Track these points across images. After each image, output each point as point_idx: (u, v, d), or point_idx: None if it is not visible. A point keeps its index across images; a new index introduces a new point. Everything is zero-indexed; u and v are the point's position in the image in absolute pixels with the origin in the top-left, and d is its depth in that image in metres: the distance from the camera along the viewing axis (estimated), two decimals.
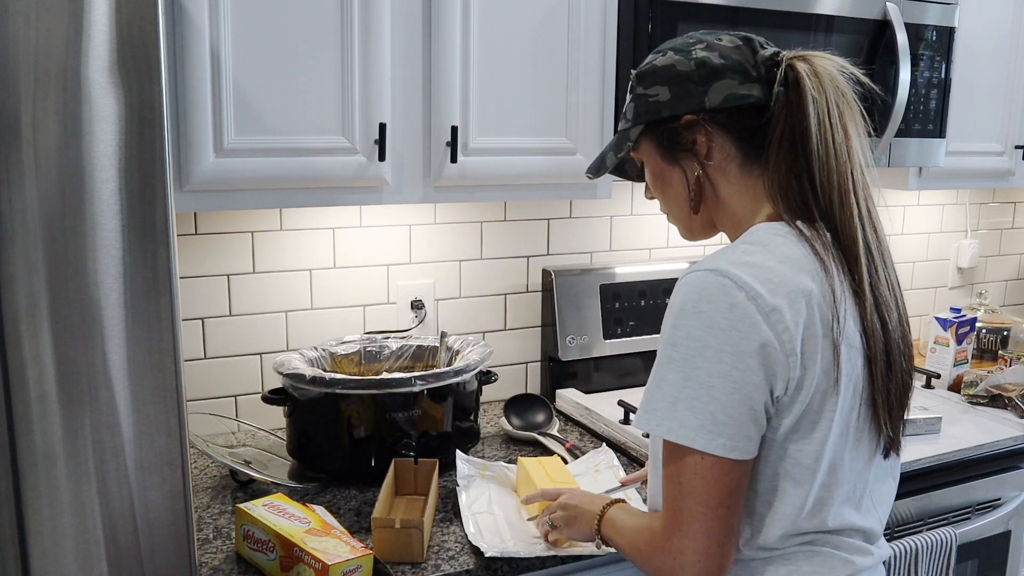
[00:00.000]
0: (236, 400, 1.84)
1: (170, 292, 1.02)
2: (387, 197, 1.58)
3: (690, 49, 1.04)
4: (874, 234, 1.01)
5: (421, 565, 1.32)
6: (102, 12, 0.94)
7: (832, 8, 1.82)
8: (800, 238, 0.98)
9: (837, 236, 0.99)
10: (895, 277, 1.04)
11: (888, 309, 1.01)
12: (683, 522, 0.96)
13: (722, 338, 0.93)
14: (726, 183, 1.06)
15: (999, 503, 1.88)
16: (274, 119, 1.45)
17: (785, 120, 1.00)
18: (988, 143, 2.24)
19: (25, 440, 0.97)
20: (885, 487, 1.12)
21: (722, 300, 0.93)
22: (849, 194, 0.99)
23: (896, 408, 1.03)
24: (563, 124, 1.69)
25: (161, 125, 0.98)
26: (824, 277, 0.96)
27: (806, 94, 0.98)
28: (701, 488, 0.95)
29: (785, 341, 0.93)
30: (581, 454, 1.73)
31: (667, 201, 1.13)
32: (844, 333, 0.97)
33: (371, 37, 1.50)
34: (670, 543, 0.98)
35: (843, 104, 1.00)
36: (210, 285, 1.78)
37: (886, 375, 1.00)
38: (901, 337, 1.03)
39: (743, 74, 1.02)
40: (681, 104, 1.04)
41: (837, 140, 0.98)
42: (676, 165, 1.08)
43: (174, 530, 1.07)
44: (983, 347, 2.47)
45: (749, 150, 1.04)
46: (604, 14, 1.68)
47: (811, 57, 1.01)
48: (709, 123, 1.04)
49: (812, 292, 0.95)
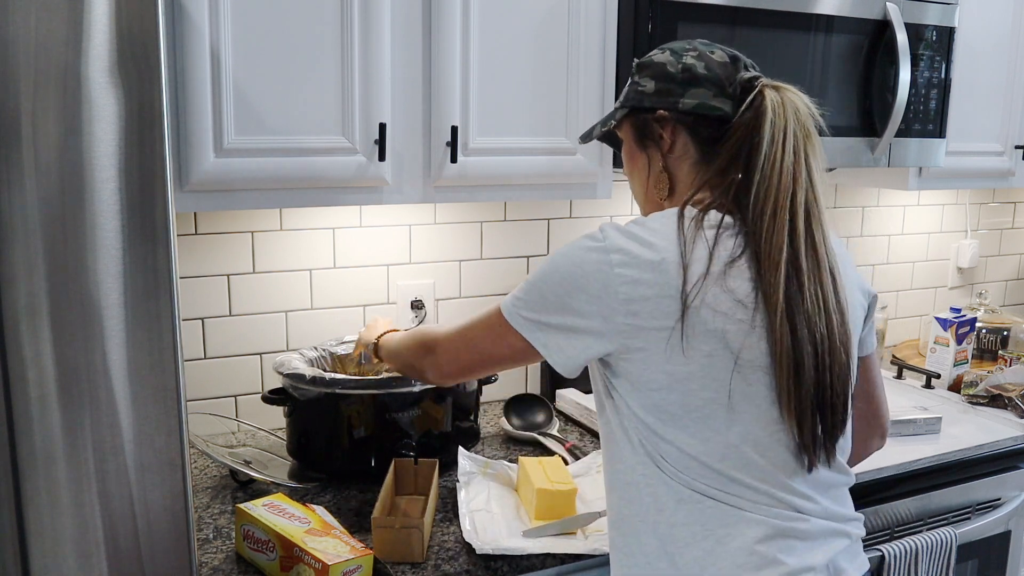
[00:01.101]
0: (236, 400, 1.85)
1: (170, 292, 1.02)
2: (387, 197, 1.59)
3: (684, 54, 1.15)
4: (811, 252, 1.06)
5: (421, 565, 1.32)
6: (102, 12, 0.94)
7: (832, 8, 1.82)
8: (677, 218, 1.07)
9: (759, 240, 1.05)
10: (832, 298, 1.07)
11: (808, 321, 1.04)
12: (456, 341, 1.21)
13: (568, 269, 1.07)
14: (679, 174, 1.17)
15: (999, 503, 1.88)
16: (274, 119, 1.45)
17: (740, 135, 1.09)
18: (988, 143, 2.24)
19: (25, 440, 0.97)
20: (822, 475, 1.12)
21: (585, 244, 1.08)
22: (784, 211, 1.05)
23: (808, 417, 1.05)
24: (563, 124, 1.69)
25: (161, 125, 0.98)
26: (680, 249, 1.04)
27: (766, 117, 1.07)
28: (491, 340, 1.16)
29: (621, 293, 1.04)
30: (581, 454, 1.73)
31: (631, 178, 1.25)
32: (702, 299, 1.02)
33: (371, 37, 1.50)
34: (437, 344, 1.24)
35: (800, 134, 1.08)
36: (210, 285, 1.78)
37: (793, 380, 1.04)
38: (827, 352, 1.06)
39: (719, 88, 1.12)
40: (660, 100, 1.15)
41: (786, 162, 1.06)
42: (644, 151, 1.20)
43: (174, 530, 1.07)
44: (983, 347, 2.47)
45: (705, 153, 1.14)
46: (604, 14, 1.68)
47: (783, 89, 1.10)
48: (677, 122, 1.14)
49: (665, 259, 1.04)
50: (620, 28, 1.70)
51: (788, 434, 1.07)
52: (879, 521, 1.72)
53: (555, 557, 1.37)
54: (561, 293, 1.07)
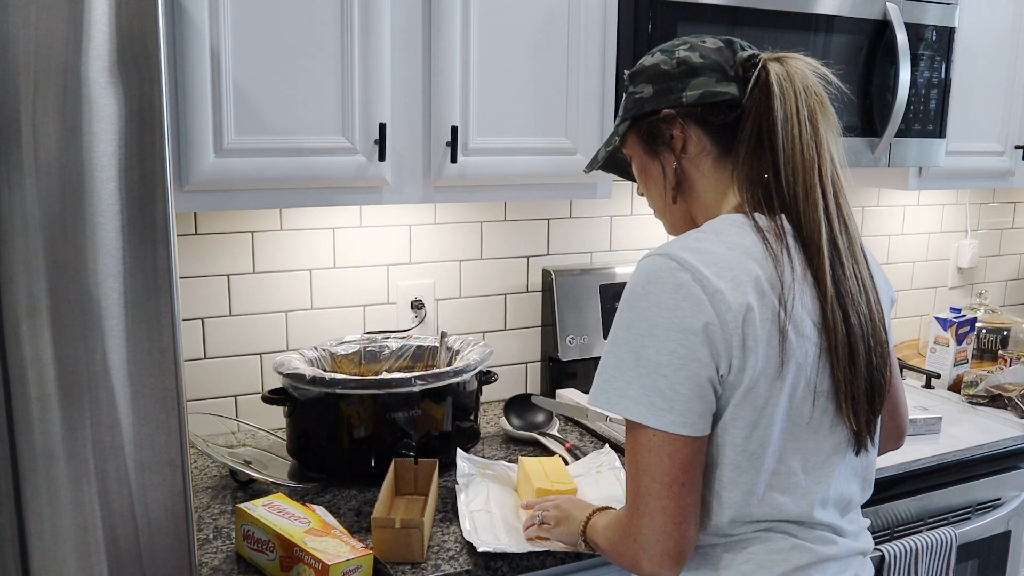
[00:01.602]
0: (236, 400, 1.85)
1: (170, 292, 1.02)
2: (387, 197, 1.59)
3: (674, 49, 1.10)
4: (843, 229, 1.03)
5: (421, 565, 1.32)
6: (102, 12, 0.94)
7: (832, 8, 1.82)
8: (755, 229, 1.01)
9: (799, 228, 1.02)
10: (867, 274, 1.05)
11: (853, 303, 1.02)
12: (641, 502, 0.99)
13: (668, 317, 0.96)
14: (700, 176, 1.10)
15: (999, 503, 1.88)
16: (274, 119, 1.45)
17: (754, 116, 1.04)
18: (988, 143, 2.24)
19: (25, 440, 0.97)
20: (853, 486, 1.11)
21: (668, 281, 0.97)
22: (815, 188, 1.01)
23: (863, 403, 1.04)
24: (563, 124, 1.69)
25: (161, 125, 0.98)
26: (772, 265, 0.99)
27: (774, 92, 1.02)
28: (655, 465, 0.98)
29: (728, 321, 0.95)
30: (581, 454, 1.73)
31: (649, 193, 1.17)
32: (792, 320, 0.98)
33: (371, 37, 1.50)
34: (631, 524, 1.01)
35: (814, 103, 1.03)
36: (210, 285, 1.78)
37: (848, 368, 1.01)
38: (871, 333, 1.03)
39: (720, 72, 1.06)
40: (661, 100, 1.09)
41: (804, 137, 1.01)
42: (656, 158, 1.13)
43: (174, 530, 1.07)
44: (983, 347, 2.47)
45: (723, 145, 1.08)
46: (604, 14, 1.68)
47: (786, 59, 1.06)
48: (685, 118, 1.08)
49: (759, 277, 0.97)
50: (620, 28, 1.70)
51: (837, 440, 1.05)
52: (879, 521, 1.72)
53: (555, 557, 1.37)
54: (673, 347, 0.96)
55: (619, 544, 1.05)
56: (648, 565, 1.00)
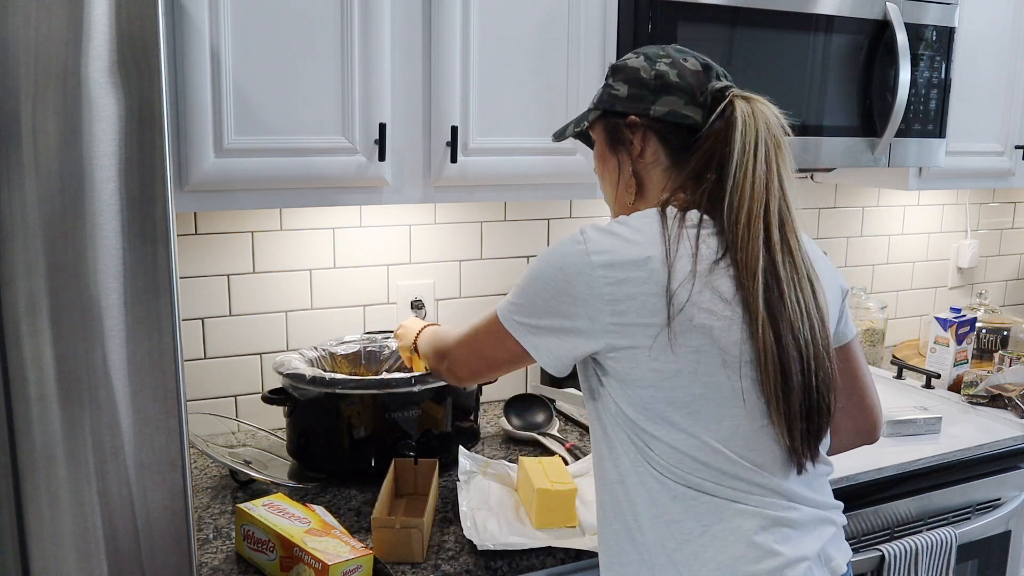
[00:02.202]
0: (236, 400, 1.85)
1: (170, 292, 1.02)
2: (387, 197, 1.59)
3: (657, 60, 1.16)
4: (788, 259, 1.08)
5: (421, 565, 1.32)
6: (102, 12, 0.94)
7: (832, 8, 1.82)
8: (660, 217, 1.09)
9: (736, 249, 1.07)
10: (815, 309, 1.09)
11: (791, 328, 1.06)
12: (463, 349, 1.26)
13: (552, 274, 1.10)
14: (649, 181, 1.19)
15: (999, 503, 1.88)
16: (274, 119, 1.45)
17: (711, 144, 1.11)
18: (988, 143, 2.24)
19: (25, 440, 0.97)
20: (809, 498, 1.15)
21: (566, 247, 1.10)
22: (757, 220, 1.07)
23: (798, 422, 1.07)
24: (563, 124, 1.69)
25: (161, 125, 0.99)
26: (665, 248, 1.06)
27: (736, 126, 1.09)
28: (492, 345, 1.19)
29: (605, 294, 1.05)
30: (581, 454, 1.73)
31: (602, 180, 1.28)
32: (686, 296, 1.04)
33: (371, 37, 1.50)
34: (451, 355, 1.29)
35: (771, 144, 1.09)
36: (210, 285, 1.78)
37: (781, 388, 1.05)
38: (812, 357, 1.07)
39: (691, 96, 1.13)
40: (631, 105, 1.17)
41: (758, 171, 1.08)
42: (614, 155, 1.21)
43: (174, 530, 1.07)
44: (983, 347, 2.47)
45: (676, 159, 1.16)
46: (604, 14, 1.68)
47: (753, 100, 1.12)
48: (648, 129, 1.16)
49: (651, 257, 1.05)
50: (620, 28, 1.70)
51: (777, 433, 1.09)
52: (879, 521, 1.72)
53: (555, 556, 1.37)
54: (547, 297, 1.10)
55: (432, 358, 1.37)
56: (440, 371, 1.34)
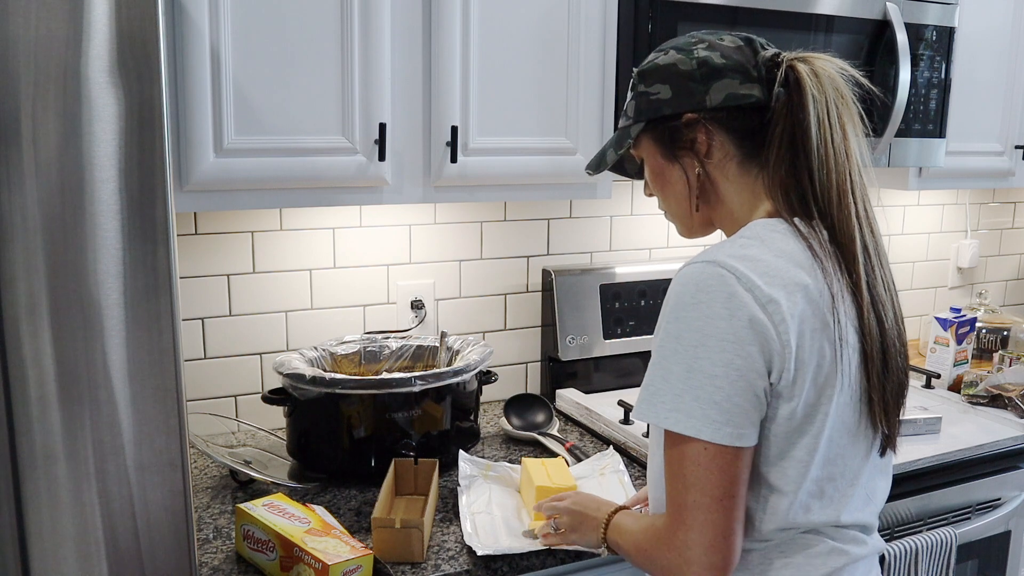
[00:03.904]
0: (236, 400, 1.84)
1: (170, 292, 1.02)
2: (387, 197, 1.59)
3: (692, 48, 1.06)
4: (871, 234, 1.02)
5: (421, 565, 1.32)
6: (102, 12, 0.94)
7: (832, 8, 1.82)
8: (797, 235, 1.00)
9: (834, 234, 1.00)
10: (890, 277, 1.05)
11: (884, 308, 1.02)
12: (688, 515, 0.96)
13: (723, 327, 0.93)
14: (725, 181, 1.07)
15: (999, 503, 1.88)
16: (274, 119, 1.45)
17: (786, 119, 1.01)
18: (988, 143, 2.24)
19: (25, 440, 0.97)
20: (880, 483, 1.13)
21: (720, 290, 0.94)
22: (847, 194, 1.00)
23: (892, 406, 1.04)
24: (563, 124, 1.69)
25: (161, 125, 0.98)
26: (820, 274, 0.97)
27: (807, 94, 0.99)
28: (705, 479, 0.95)
29: (782, 332, 0.94)
30: (582, 454, 1.73)
31: (666, 198, 1.13)
32: (841, 329, 0.98)
33: (371, 37, 1.50)
34: (676, 539, 0.97)
35: (842, 105, 1.01)
36: (210, 285, 1.78)
37: (882, 373, 1.01)
38: (897, 336, 1.04)
39: (744, 74, 1.03)
40: (682, 102, 1.05)
41: (836, 140, 0.99)
42: (676, 163, 1.09)
43: (174, 530, 1.07)
44: (983, 347, 2.47)
45: (748, 149, 1.05)
46: (604, 14, 1.68)
47: (811, 58, 1.03)
48: (709, 122, 1.05)
49: (808, 286, 0.96)
50: (620, 28, 1.70)
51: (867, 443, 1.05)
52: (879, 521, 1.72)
53: (555, 557, 1.37)
54: (729, 359, 0.93)
55: (658, 557, 1.01)
56: None
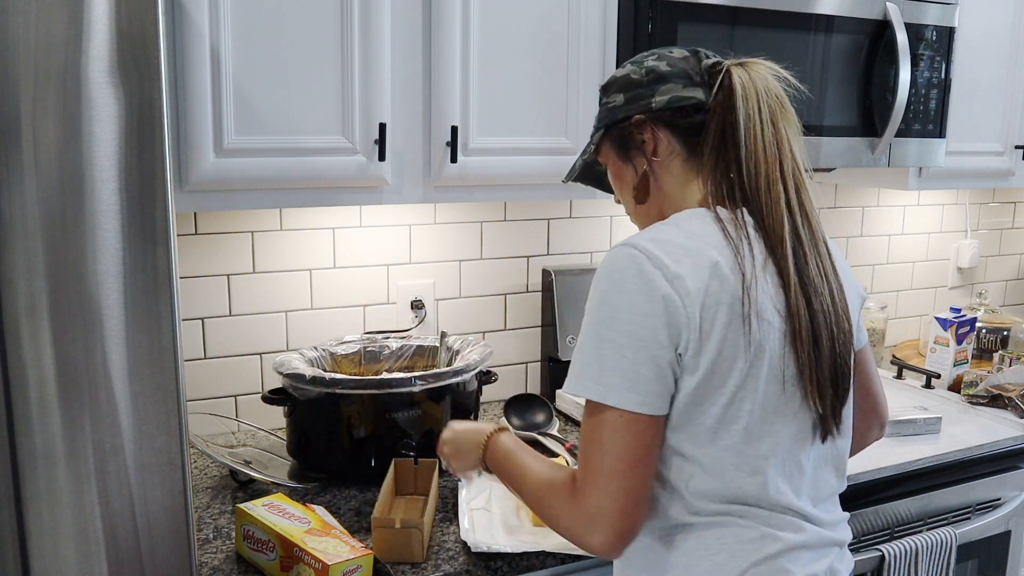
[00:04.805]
0: (236, 400, 1.85)
1: (170, 292, 1.02)
2: (387, 197, 1.59)
3: (644, 60, 1.16)
4: (806, 222, 1.08)
5: (421, 565, 1.32)
6: (102, 12, 0.94)
7: (832, 8, 1.82)
8: (715, 219, 1.06)
9: (762, 220, 1.06)
10: (829, 265, 1.09)
11: (816, 291, 1.05)
12: (603, 481, 0.99)
13: (631, 301, 1.00)
14: (669, 176, 1.15)
15: (999, 503, 1.88)
16: (274, 119, 1.45)
17: (719, 117, 1.10)
18: (988, 143, 2.24)
19: (25, 440, 0.97)
20: (826, 475, 1.14)
21: (631, 268, 1.01)
22: (776, 183, 1.06)
23: (828, 388, 1.06)
24: (563, 124, 1.69)
25: (161, 125, 0.99)
26: (733, 254, 1.03)
27: (736, 94, 1.08)
28: (621, 445, 0.99)
29: (687, 304, 0.99)
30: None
31: (622, 195, 1.23)
32: (755, 307, 1.01)
33: (371, 37, 1.50)
34: (587, 502, 1.00)
35: (774, 104, 1.09)
36: (210, 285, 1.78)
37: (812, 352, 1.05)
38: (834, 320, 1.07)
39: (687, 79, 1.13)
40: (632, 107, 1.15)
41: (766, 135, 1.07)
42: (629, 163, 1.18)
43: (174, 530, 1.07)
44: (983, 347, 2.47)
45: (691, 146, 1.13)
46: (604, 14, 1.68)
47: (749, 64, 1.11)
48: (655, 122, 1.14)
49: (718, 263, 1.01)
50: (620, 28, 1.70)
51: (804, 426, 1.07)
52: (879, 521, 1.72)
53: (555, 556, 1.37)
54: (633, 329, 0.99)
55: (558, 510, 1.04)
56: (601, 542, 1.00)
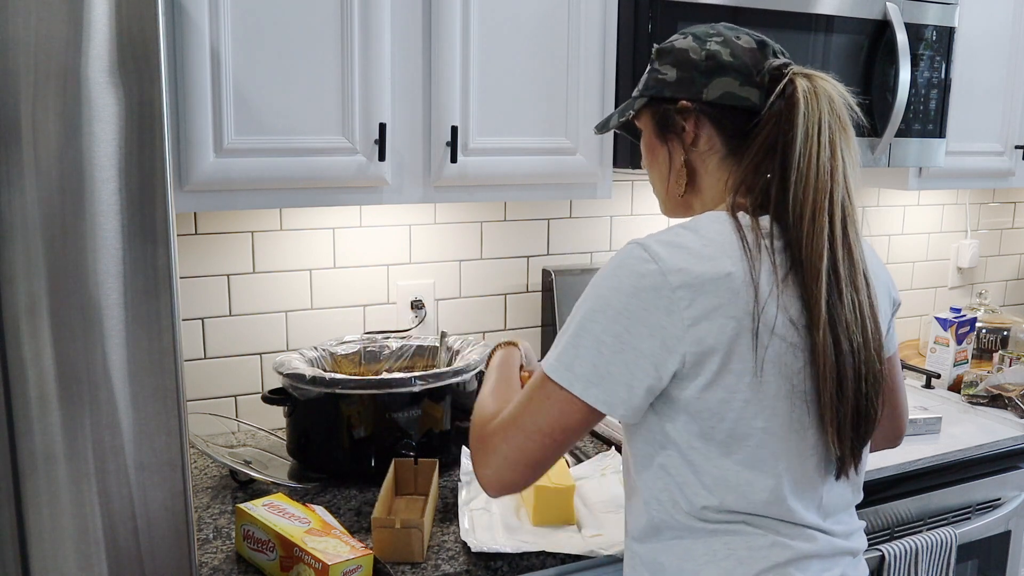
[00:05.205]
0: (236, 400, 1.85)
1: (170, 292, 1.02)
2: (387, 197, 1.59)
3: (707, 39, 1.08)
4: (847, 255, 1.01)
5: (421, 565, 1.32)
6: (102, 12, 0.94)
7: (832, 8, 1.82)
8: (736, 228, 1.00)
9: (800, 248, 0.99)
10: (868, 308, 1.03)
11: (847, 331, 1.00)
12: (512, 430, 1.01)
13: (624, 301, 0.97)
14: (704, 171, 1.10)
15: (999, 503, 1.88)
16: (274, 119, 1.45)
17: (772, 128, 1.03)
18: (988, 143, 2.24)
19: (25, 440, 0.97)
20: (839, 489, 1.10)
21: (635, 268, 0.97)
22: (823, 212, 0.99)
23: (847, 431, 1.02)
24: (563, 124, 1.69)
25: (161, 125, 0.99)
26: (748, 266, 0.98)
27: (799, 108, 1.00)
28: (546, 412, 0.99)
29: (686, 318, 0.95)
30: (582, 455, 1.73)
31: (651, 174, 1.17)
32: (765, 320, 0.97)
33: (371, 37, 1.50)
34: (492, 440, 1.02)
35: (836, 126, 1.01)
36: (210, 285, 1.78)
37: (836, 395, 1.00)
38: (864, 361, 1.01)
39: (746, 76, 1.05)
40: (681, 89, 1.08)
41: (822, 158, 0.99)
42: (664, 144, 1.12)
43: (174, 530, 1.07)
44: (983, 347, 2.47)
45: (733, 147, 1.07)
46: (604, 14, 1.68)
47: (815, 76, 1.03)
48: (701, 114, 1.07)
49: (732, 274, 0.97)
50: (620, 28, 1.70)
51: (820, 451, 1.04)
52: (879, 521, 1.72)
53: (555, 556, 1.37)
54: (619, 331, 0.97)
55: (474, 438, 1.06)
56: (484, 477, 1.03)
